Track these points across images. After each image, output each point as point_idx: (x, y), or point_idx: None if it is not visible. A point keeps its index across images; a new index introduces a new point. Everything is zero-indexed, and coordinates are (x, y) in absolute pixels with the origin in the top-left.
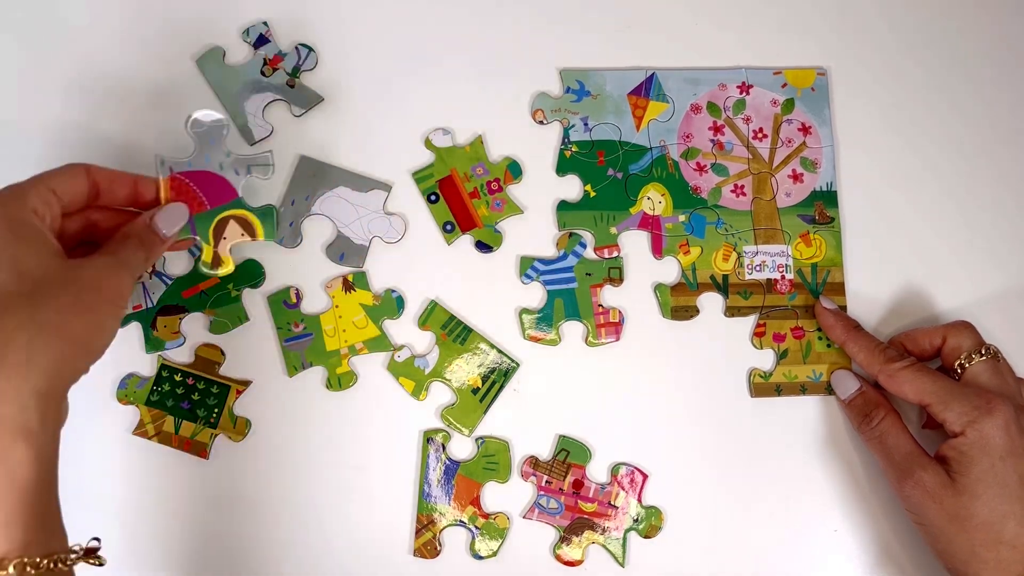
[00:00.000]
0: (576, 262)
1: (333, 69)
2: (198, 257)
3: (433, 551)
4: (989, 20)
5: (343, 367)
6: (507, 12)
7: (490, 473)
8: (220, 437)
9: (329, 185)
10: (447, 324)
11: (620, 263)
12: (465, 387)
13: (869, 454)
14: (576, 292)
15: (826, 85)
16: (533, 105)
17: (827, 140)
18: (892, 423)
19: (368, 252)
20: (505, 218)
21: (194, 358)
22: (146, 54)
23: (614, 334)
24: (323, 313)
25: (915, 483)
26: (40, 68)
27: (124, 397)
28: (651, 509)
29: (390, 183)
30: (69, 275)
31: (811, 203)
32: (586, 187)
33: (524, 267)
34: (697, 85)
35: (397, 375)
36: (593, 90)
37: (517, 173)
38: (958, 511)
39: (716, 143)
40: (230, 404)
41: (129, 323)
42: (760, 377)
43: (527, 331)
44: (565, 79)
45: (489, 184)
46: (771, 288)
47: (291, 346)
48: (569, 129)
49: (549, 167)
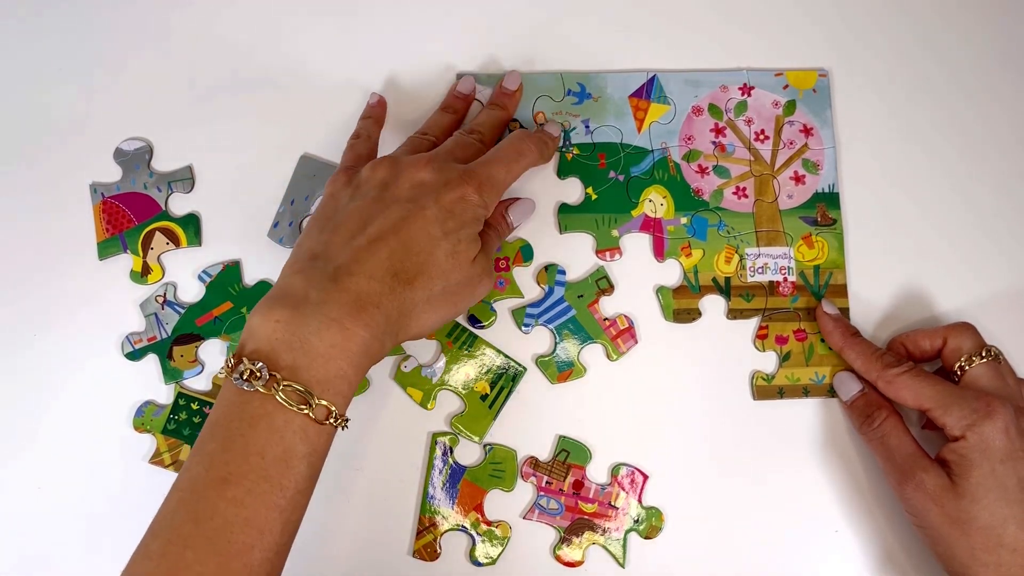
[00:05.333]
0: (563, 291)
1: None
2: (130, 268)
3: (432, 554)
4: (989, 20)
5: None
6: (515, 12)
7: (496, 480)
8: None
9: None
10: (452, 332)
11: (604, 272)
12: (473, 394)
13: (870, 455)
14: (578, 318)
15: (827, 86)
16: (535, 108)
17: (829, 142)
18: (893, 425)
19: None
20: (504, 299)
21: (211, 386)
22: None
23: (632, 339)
24: None
25: (916, 485)
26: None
27: (141, 425)
28: (651, 510)
29: None
30: (472, 275)
31: (813, 205)
32: (587, 190)
33: (520, 319)
34: (698, 87)
35: (405, 385)
36: (594, 92)
37: (528, 257)
38: (959, 514)
39: (718, 145)
40: None
41: (145, 355)
42: (763, 380)
43: (552, 377)
44: (566, 82)
45: (497, 261)
46: (773, 290)
47: None
48: (570, 132)
49: (550, 169)
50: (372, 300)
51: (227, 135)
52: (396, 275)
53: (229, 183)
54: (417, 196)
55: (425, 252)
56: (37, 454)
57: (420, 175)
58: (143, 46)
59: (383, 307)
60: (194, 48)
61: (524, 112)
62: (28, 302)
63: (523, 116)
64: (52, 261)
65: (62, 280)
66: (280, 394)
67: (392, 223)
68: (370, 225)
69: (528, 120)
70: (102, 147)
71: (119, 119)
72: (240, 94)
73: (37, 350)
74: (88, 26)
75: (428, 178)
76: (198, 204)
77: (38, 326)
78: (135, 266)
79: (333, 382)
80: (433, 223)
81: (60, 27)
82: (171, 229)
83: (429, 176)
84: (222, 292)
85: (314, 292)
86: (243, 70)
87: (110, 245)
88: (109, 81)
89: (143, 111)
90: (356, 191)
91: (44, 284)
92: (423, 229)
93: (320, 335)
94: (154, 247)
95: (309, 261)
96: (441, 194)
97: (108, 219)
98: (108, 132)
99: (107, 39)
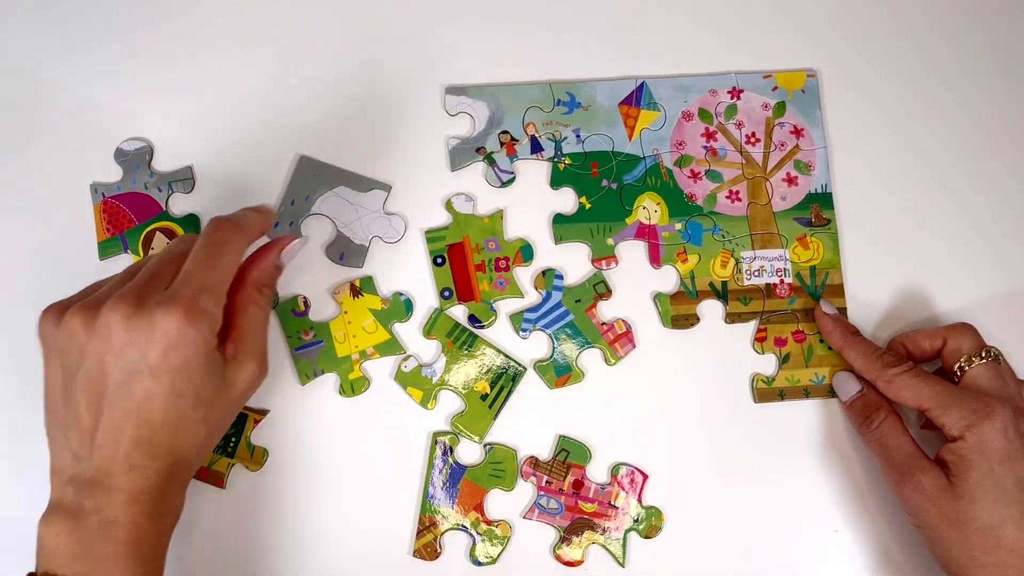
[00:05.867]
0: (561, 295)
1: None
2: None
3: (433, 553)
4: (978, 18)
5: (355, 372)
6: (503, 23)
7: (496, 480)
8: (237, 467)
9: (329, 185)
10: (452, 332)
11: (602, 276)
12: (473, 394)
13: (870, 456)
14: (575, 323)
15: (816, 87)
16: (525, 119)
17: (820, 142)
18: (892, 425)
19: (368, 252)
20: (504, 298)
21: None
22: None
23: (629, 343)
24: (332, 320)
25: (914, 486)
26: None
27: None
28: (651, 509)
29: (390, 183)
30: (229, 396)
31: (807, 206)
32: (581, 199)
33: (517, 324)
34: (688, 92)
35: (405, 385)
36: (584, 101)
37: (528, 256)
38: (957, 515)
39: (709, 149)
40: (247, 434)
41: None
42: (763, 382)
43: (550, 383)
44: (555, 92)
45: (498, 261)
46: (770, 293)
47: (302, 354)
48: (561, 142)
49: (543, 180)
50: (141, 484)
51: (227, 135)
52: (151, 452)
53: (230, 183)
54: (128, 370)
55: (168, 420)
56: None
57: (116, 340)
58: (146, 44)
59: (153, 481)
60: (195, 47)
61: (515, 123)
62: (28, 302)
63: (514, 127)
64: (52, 261)
65: (62, 280)
66: None
67: (122, 409)
68: (101, 419)
69: (519, 132)
70: (102, 147)
71: (119, 119)
72: (241, 94)
73: (38, 351)
74: (90, 23)
75: (125, 340)
76: (198, 204)
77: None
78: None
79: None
80: (158, 392)
81: (61, 24)
82: (171, 229)
83: (125, 337)
84: None
85: (88, 501)
86: (244, 71)
87: (111, 245)
88: (109, 81)
89: (144, 111)
90: (65, 360)
91: (45, 284)
92: (152, 403)
93: (103, 537)
94: (155, 247)
95: (73, 462)
96: (148, 351)
97: (109, 219)
98: (108, 132)
99: (110, 36)
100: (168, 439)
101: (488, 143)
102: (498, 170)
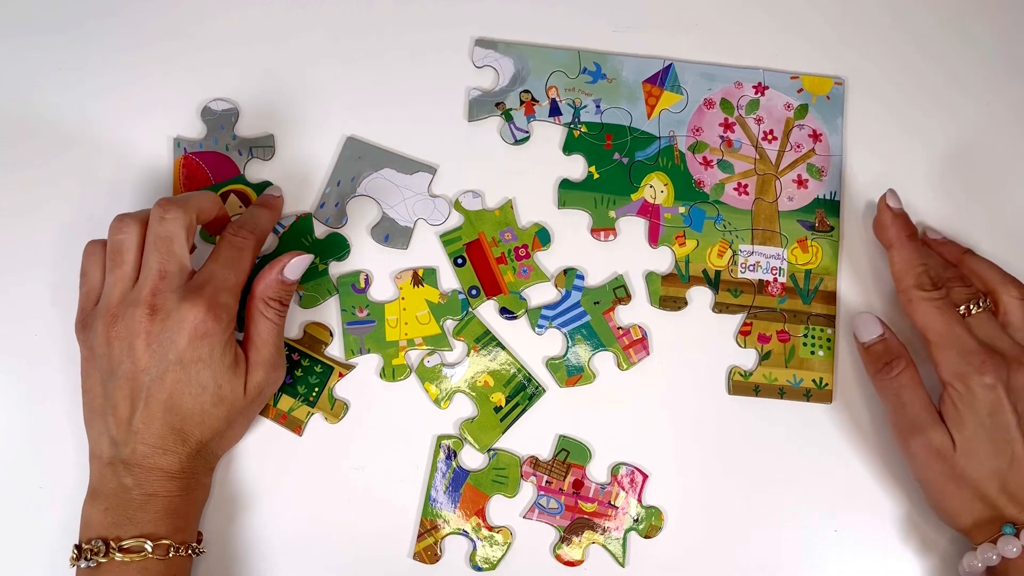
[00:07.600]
0: (580, 296)
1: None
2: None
3: (433, 557)
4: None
5: (399, 359)
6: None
7: (499, 486)
8: (316, 416)
9: (375, 167)
10: (481, 338)
11: (623, 280)
12: (488, 404)
13: (869, 456)
14: (592, 324)
15: (842, 95)
16: (548, 82)
17: (836, 149)
18: (911, 377)
19: (413, 234)
20: (531, 285)
21: (302, 334)
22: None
23: (644, 351)
24: (389, 303)
25: (923, 442)
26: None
27: None
28: (651, 509)
29: (435, 165)
30: (244, 399)
31: (812, 210)
32: (590, 168)
33: (534, 319)
34: (713, 80)
35: (422, 380)
36: (609, 74)
37: (546, 240)
38: (955, 471)
39: (725, 140)
40: (331, 385)
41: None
42: (740, 375)
43: (561, 381)
44: (583, 60)
45: (517, 250)
46: (762, 289)
47: (352, 330)
48: (580, 109)
49: (556, 144)
50: (175, 466)
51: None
52: (183, 438)
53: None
54: (161, 364)
55: (194, 412)
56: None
57: (149, 336)
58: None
59: (185, 464)
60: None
61: (538, 84)
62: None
63: (536, 89)
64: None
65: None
66: (117, 554)
67: (156, 399)
68: (137, 408)
69: (541, 94)
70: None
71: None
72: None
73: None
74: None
75: (156, 332)
76: (273, 174)
77: None
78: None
79: (166, 527)
80: (185, 382)
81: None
82: (246, 193)
83: (156, 330)
84: (295, 242)
85: (127, 479)
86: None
87: None
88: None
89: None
90: (101, 361)
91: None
92: (182, 393)
93: (144, 507)
94: (227, 208)
95: (111, 447)
96: (178, 340)
97: (187, 174)
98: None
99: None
100: (195, 428)
101: (508, 100)
102: (514, 127)
